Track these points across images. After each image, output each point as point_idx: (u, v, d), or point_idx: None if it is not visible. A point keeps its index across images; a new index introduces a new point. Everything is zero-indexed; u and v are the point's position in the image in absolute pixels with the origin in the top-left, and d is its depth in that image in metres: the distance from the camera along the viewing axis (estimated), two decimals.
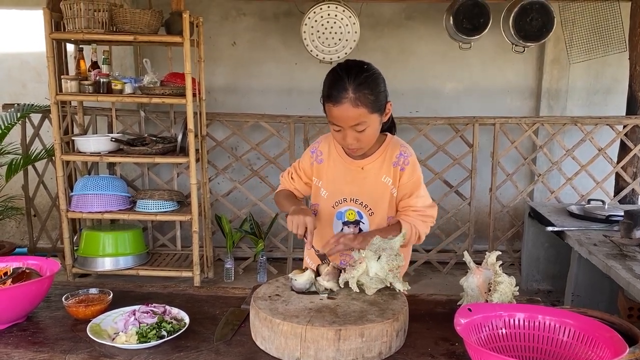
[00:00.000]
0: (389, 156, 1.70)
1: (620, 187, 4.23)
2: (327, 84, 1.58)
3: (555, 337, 1.21)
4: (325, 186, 1.76)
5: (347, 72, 1.55)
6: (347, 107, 1.53)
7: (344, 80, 1.53)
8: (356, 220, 1.74)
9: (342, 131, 1.58)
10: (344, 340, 1.22)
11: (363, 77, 1.54)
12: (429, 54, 4.65)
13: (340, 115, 1.55)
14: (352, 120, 1.54)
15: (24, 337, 1.38)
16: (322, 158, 1.76)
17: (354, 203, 1.73)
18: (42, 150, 4.07)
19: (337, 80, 1.55)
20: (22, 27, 4.55)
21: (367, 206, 1.72)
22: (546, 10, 3.93)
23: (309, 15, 3.92)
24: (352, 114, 1.53)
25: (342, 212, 1.75)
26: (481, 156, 4.27)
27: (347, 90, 1.52)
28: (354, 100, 1.52)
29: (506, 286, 1.44)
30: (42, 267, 1.57)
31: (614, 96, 4.63)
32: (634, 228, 2.89)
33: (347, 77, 1.53)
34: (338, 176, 1.73)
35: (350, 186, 1.72)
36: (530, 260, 3.90)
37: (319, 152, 1.77)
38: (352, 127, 1.56)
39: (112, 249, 3.77)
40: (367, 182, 1.71)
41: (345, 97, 1.52)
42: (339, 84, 1.53)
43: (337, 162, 1.74)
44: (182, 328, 1.38)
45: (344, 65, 1.60)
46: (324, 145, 1.77)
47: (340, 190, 1.73)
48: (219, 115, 4.21)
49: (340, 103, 1.53)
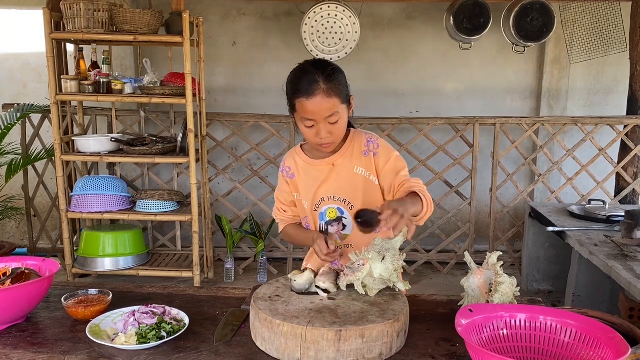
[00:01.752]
0: (357, 147, 1.71)
1: (621, 187, 4.23)
2: (295, 80, 1.59)
3: (557, 338, 1.21)
4: (303, 196, 1.77)
5: (314, 67, 1.58)
6: (322, 99, 1.54)
7: (313, 73, 1.55)
8: (338, 217, 1.75)
9: (315, 126, 1.58)
10: (344, 341, 1.22)
11: (330, 69, 1.58)
12: (429, 54, 4.64)
13: (314, 108, 1.55)
14: (326, 111, 1.55)
15: (23, 338, 1.37)
16: (292, 173, 1.77)
17: (332, 200, 1.73)
18: (42, 151, 4.07)
19: (306, 74, 1.57)
20: (23, 28, 4.55)
21: (345, 200, 1.72)
22: (547, 10, 3.93)
23: (309, 15, 3.92)
24: (326, 105, 1.55)
25: (323, 213, 1.75)
26: (482, 156, 4.27)
27: (318, 82, 1.54)
28: (326, 90, 1.54)
29: (507, 287, 1.44)
30: (42, 268, 1.56)
31: (614, 96, 4.63)
32: (634, 228, 2.88)
33: (316, 70, 1.56)
34: (311, 181, 1.74)
35: (325, 185, 1.72)
36: (531, 260, 3.90)
37: (287, 168, 1.79)
38: (325, 119, 1.57)
39: (112, 249, 3.76)
40: (341, 177, 1.71)
41: (318, 89, 1.53)
42: (309, 77, 1.55)
43: (307, 169, 1.75)
44: (182, 329, 1.37)
45: (308, 62, 1.63)
46: (290, 160, 1.79)
47: (317, 193, 1.74)
48: (219, 116, 4.21)
49: (313, 95, 1.54)
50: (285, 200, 1.83)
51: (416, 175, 4.22)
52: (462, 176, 4.28)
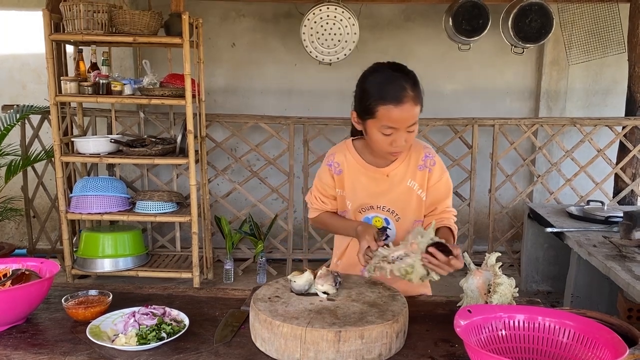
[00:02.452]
0: (414, 160, 1.67)
1: (620, 188, 4.24)
2: (381, 85, 1.51)
3: (555, 339, 1.21)
4: (348, 196, 1.72)
5: (400, 71, 1.52)
6: (410, 106, 1.49)
7: (400, 79, 1.50)
8: (383, 227, 1.72)
9: (393, 134, 1.52)
10: (343, 341, 1.22)
11: (413, 75, 1.53)
12: (428, 55, 4.65)
13: (401, 115, 1.49)
14: (411, 119, 1.51)
15: (23, 339, 1.37)
16: (340, 169, 1.70)
17: (380, 210, 1.70)
18: (42, 152, 4.07)
19: (393, 79, 1.50)
20: (22, 29, 4.55)
21: (393, 212, 1.70)
22: (545, 12, 3.94)
23: (308, 17, 3.92)
24: (412, 113, 1.50)
25: (369, 219, 1.72)
26: (480, 157, 4.27)
27: (406, 90, 1.49)
28: (414, 98, 1.49)
29: (506, 287, 1.44)
30: (42, 269, 1.56)
31: (613, 97, 4.64)
32: (633, 229, 2.89)
33: (403, 76, 1.51)
34: (361, 186, 1.69)
35: (376, 195, 1.68)
36: (530, 261, 3.90)
37: (335, 164, 1.70)
38: (406, 128, 1.52)
39: (112, 250, 3.77)
40: (393, 188, 1.68)
41: (406, 97, 1.48)
42: (398, 84, 1.49)
43: (359, 172, 1.69)
44: (182, 330, 1.37)
45: (390, 65, 1.56)
46: (340, 156, 1.71)
47: (365, 200, 1.70)
48: (219, 117, 4.21)
49: (402, 102, 1.48)
50: (326, 193, 1.75)
51: None
52: (461, 177, 4.29)
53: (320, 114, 4.40)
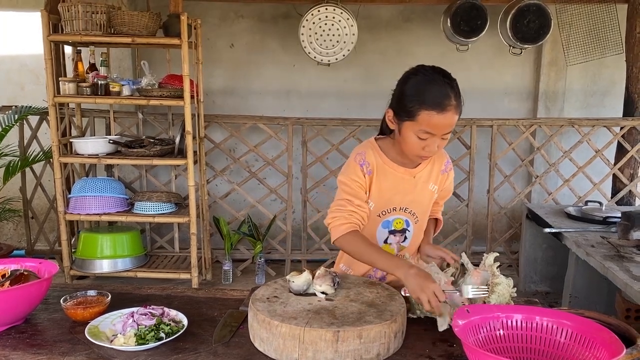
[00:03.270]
0: (438, 164, 1.72)
1: (618, 189, 4.25)
2: (426, 90, 1.50)
3: (553, 339, 1.21)
4: (372, 197, 1.67)
5: (447, 79, 1.51)
6: (452, 115, 1.49)
7: (445, 86, 1.49)
8: (403, 228, 1.73)
9: (428, 139, 1.52)
10: (342, 341, 1.23)
11: (456, 83, 1.53)
12: (426, 56, 4.65)
13: (442, 122, 1.49)
14: (450, 127, 1.52)
15: (22, 339, 1.38)
16: (370, 169, 1.64)
17: (403, 212, 1.70)
18: (40, 152, 4.07)
19: (438, 85, 1.49)
20: (21, 30, 4.55)
21: (414, 214, 1.72)
22: (543, 13, 3.95)
23: (307, 18, 3.93)
24: (452, 121, 1.51)
25: (390, 221, 1.71)
26: (479, 158, 4.28)
27: (450, 98, 1.48)
28: (456, 107, 1.50)
29: (504, 287, 1.45)
30: (40, 269, 1.56)
31: (611, 98, 4.65)
32: (631, 229, 2.90)
33: (448, 83, 1.50)
34: (388, 187, 1.67)
35: (401, 195, 1.68)
36: (528, 261, 3.91)
37: (367, 163, 1.64)
38: (443, 135, 1.53)
39: (110, 251, 3.76)
40: (417, 190, 1.70)
41: (450, 105, 1.48)
42: (443, 91, 1.48)
43: (387, 173, 1.66)
44: (181, 330, 1.38)
45: (437, 70, 1.53)
46: (371, 156, 1.65)
47: (390, 200, 1.68)
48: (217, 117, 4.21)
49: (446, 111, 1.48)
50: (360, 195, 1.63)
51: None
52: (460, 178, 4.29)
53: (319, 115, 4.40)
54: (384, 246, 1.73)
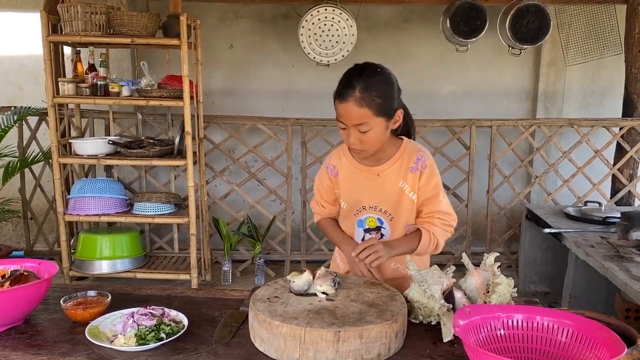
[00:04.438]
0: (406, 162, 1.69)
1: (617, 189, 4.25)
2: (340, 81, 1.60)
3: (554, 338, 1.21)
4: (343, 197, 1.78)
5: (359, 72, 1.56)
6: (351, 106, 1.54)
7: (353, 79, 1.55)
8: (377, 226, 1.75)
9: (346, 129, 1.60)
10: (343, 341, 1.23)
11: (374, 78, 1.56)
12: (426, 57, 4.66)
13: (343, 112, 1.57)
14: (354, 119, 1.56)
15: (22, 340, 1.37)
16: (336, 171, 1.77)
17: (373, 210, 1.74)
18: (39, 153, 4.06)
19: (347, 78, 1.57)
20: (20, 30, 4.55)
21: (386, 212, 1.73)
22: (542, 13, 3.95)
23: (306, 18, 3.93)
24: (355, 114, 1.55)
25: (363, 220, 1.76)
26: (478, 158, 4.28)
27: (354, 89, 1.54)
28: (359, 99, 1.54)
29: (504, 287, 1.45)
30: (40, 270, 1.56)
31: (610, 98, 4.65)
32: (630, 229, 2.90)
33: (358, 76, 1.55)
34: (354, 186, 1.75)
35: (368, 194, 1.73)
36: (528, 262, 3.91)
37: (332, 166, 1.78)
38: (355, 127, 1.57)
39: (110, 251, 3.76)
40: (385, 188, 1.71)
41: (351, 96, 1.54)
42: (348, 82, 1.55)
43: (352, 172, 1.74)
44: (181, 330, 1.37)
45: (359, 65, 1.61)
46: (335, 159, 1.79)
47: (359, 199, 1.74)
48: (217, 118, 4.21)
49: (345, 100, 1.55)
50: (327, 197, 1.83)
51: None
52: (459, 178, 4.30)
53: (318, 115, 4.40)
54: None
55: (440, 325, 1.41)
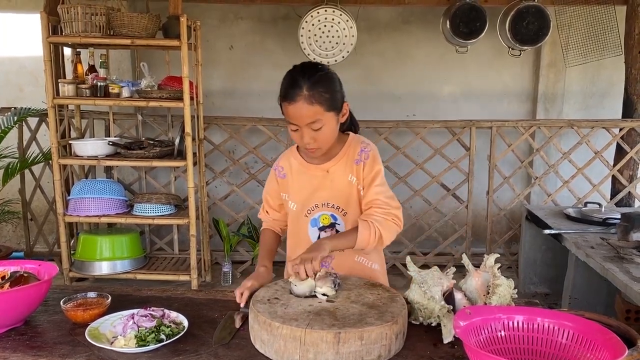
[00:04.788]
0: (351, 155, 1.69)
1: (617, 190, 4.25)
2: (283, 83, 1.60)
3: (554, 340, 1.21)
4: (292, 198, 1.76)
5: (302, 72, 1.57)
6: (302, 105, 1.54)
7: (298, 79, 1.55)
8: (331, 223, 1.74)
9: (299, 130, 1.59)
10: (343, 343, 1.22)
11: (317, 76, 1.56)
12: (425, 58, 4.66)
13: (295, 113, 1.56)
14: (307, 118, 1.56)
15: (22, 341, 1.37)
16: (284, 173, 1.77)
17: (326, 207, 1.73)
18: (39, 154, 4.06)
19: (292, 79, 1.57)
20: (20, 31, 4.55)
21: (339, 207, 1.72)
22: (542, 14, 3.96)
23: (306, 19, 3.93)
24: (306, 112, 1.55)
25: (316, 219, 1.75)
26: (478, 159, 4.28)
27: (301, 88, 1.54)
28: (308, 97, 1.54)
29: (505, 289, 1.45)
30: (40, 271, 1.56)
31: (610, 99, 4.65)
32: (631, 230, 2.90)
33: (302, 76, 1.56)
34: (304, 185, 1.74)
35: (319, 191, 1.72)
36: (528, 263, 3.90)
37: (280, 168, 1.79)
38: (308, 126, 1.57)
39: (109, 252, 3.76)
40: (335, 184, 1.70)
41: (299, 95, 1.54)
42: (294, 83, 1.56)
43: (301, 172, 1.74)
44: (181, 332, 1.37)
45: (299, 66, 1.62)
46: (284, 160, 1.79)
47: (310, 198, 1.73)
48: (217, 119, 4.21)
49: (295, 101, 1.54)
50: (272, 202, 1.85)
51: (413, 178, 4.25)
52: (459, 179, 4.30)
53: None
54: None
55: (440, 326, 1.41)
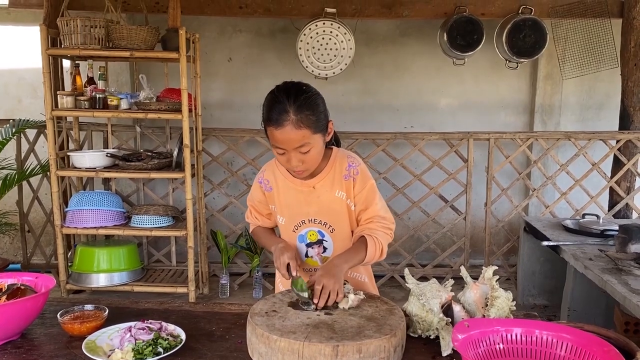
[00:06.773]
0: (339, 170, 1.67)
1: (615, 202, 4.25)
2: (267, 107, 1.56)
3: (553, 352, 1.21)
4: (280, 212, 1.74)
5: (286, 94, 1.52)
6: (290, 130, 1.50)
7: (284, 102, 1.51)
8: (318, 239, 1.73)
9: (286, 154, 1.55)
10: (341, 356, 1.22)
11: (303, 98, 1.52)
12: (423, 70, 4.69)
13: (283, 138, 1.52)
14: (295, 142, 1.52)
15: (18, 355, 1.36)
16: (270, 186, 1.74)
17: (313, 223, 1.71)
18: (37, 166, 4.06)
19: (277, 103, 1.52)
20: (19, 43, 4.57)
21: (326, 224, 1.70)
22: (539, 27, 3.99)
23: (304, 32, 3.96)
24: (294, 136, 1.51)
25: (304, 235, 1.73)
26: (476, 171, 4.29)
27: (288, 113, 1.50)
28: (296, 122, 1.50)
29: (503, 301, 1.45)
30: (37, 284, 1.56)
31: (606, 111, 4.68)
32: (629, 242, 2.90)
33: (287, 99, 1.51)
34: (290, 201, 1.71)
35: (306, 207, 1.70)
36: (526, 275, 3.90)
37: (265, 180, 1.75)
38: (296, 149, 1.53)
39: (107, 264, 3.74)
40: (322, 200, 1.68)
41: (287, 120, 1.50)
42: (280, 107, 1.51)
43: (287, 187, 1.71)
44: (179, 344, 1.37)
45: (282, 87, 1.57)
46: (269, 173, 1.75)
47: (297, 214, 1.71)
48: (215, 131, 4.22)
49: (282, 126, 1.50)
50: (261, 210, 1.82)
51: (411, 190, 4.25)
52: (457, 191, 4.30)
53: None
54: (308, 260, 1.75)
55: (439, 339, 1.40)
